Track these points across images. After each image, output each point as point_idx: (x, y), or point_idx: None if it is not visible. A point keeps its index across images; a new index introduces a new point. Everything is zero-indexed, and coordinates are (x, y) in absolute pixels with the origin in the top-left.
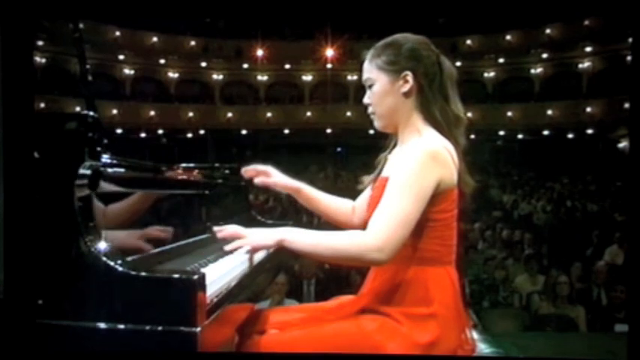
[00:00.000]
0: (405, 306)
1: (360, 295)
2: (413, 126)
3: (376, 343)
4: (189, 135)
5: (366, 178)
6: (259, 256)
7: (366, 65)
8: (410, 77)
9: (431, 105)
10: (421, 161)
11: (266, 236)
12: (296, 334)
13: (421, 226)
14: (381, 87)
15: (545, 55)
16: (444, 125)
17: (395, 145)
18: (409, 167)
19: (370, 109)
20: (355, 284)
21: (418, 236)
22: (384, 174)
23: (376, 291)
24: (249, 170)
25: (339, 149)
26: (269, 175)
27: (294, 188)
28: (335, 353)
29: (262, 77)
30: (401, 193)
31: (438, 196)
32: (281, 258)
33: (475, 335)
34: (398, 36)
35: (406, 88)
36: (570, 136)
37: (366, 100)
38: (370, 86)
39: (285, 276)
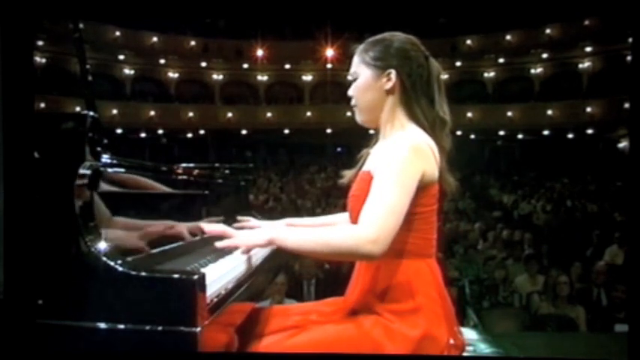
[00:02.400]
0: (391, 301)
1: (349, 293)
2: (397, 122)
3: (377, 344)
4: (189, 135)
5: (348, 173)
6: (259, 256)
7: (355, 59)
8: (393, 75)
9: (414, 105)
10: (406, 154)
11: (256, 236)
12: (297, 339)
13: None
14: (364, 81)
15: (545, 55)
16: (427, 126)
17: (377, 141)
18: (395, 160)
19: (353, 102)
20: None
21: (399, 229)
22: (365, 168)
23: (364, 287)
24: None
25: (339, 149)
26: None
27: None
28: (335, 353)
29: (262, 77)
30: (389, 185)
31: (419, 190)
32: (281, 258)
33: (475, 335)
34: (388, 34)
35: (388, 85)
36: (570, 136)
37: (350, 92)
38: (355, 79)
39: (285, 276)
